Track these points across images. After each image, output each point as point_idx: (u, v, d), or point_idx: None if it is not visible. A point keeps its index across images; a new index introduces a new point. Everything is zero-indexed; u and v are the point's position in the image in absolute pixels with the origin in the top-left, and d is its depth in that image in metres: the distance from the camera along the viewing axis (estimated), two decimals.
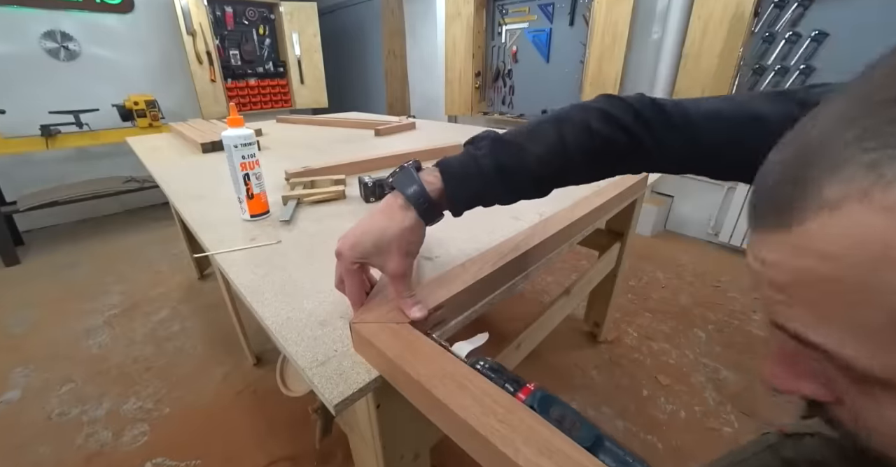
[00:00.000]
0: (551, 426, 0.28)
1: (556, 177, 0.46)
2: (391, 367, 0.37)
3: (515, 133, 0.46)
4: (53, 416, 1.30)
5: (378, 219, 0.43)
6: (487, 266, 0.52)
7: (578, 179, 0.48)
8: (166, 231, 2.74)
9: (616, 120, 0.43)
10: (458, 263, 0.54)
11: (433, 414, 0.33)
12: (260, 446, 1.18)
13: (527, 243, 0.59)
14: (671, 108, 0.43)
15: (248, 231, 0.71)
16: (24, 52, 2.53)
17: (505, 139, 0.45)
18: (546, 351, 1.50)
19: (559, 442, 0.26)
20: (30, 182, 2.61)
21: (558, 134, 0.44)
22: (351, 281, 0.44)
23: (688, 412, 1.27)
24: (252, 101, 3.44)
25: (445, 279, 0.50)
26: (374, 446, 0.50)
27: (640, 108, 0.43)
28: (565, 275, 2.09)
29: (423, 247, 0.46)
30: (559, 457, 0.25)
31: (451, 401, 0.30)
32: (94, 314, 1.83)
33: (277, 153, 1.35)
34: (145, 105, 2.61)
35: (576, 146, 0.43)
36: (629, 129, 0.43)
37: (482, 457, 0.28)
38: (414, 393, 0.35)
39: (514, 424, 0.28)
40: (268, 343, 1.54)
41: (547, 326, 1.04)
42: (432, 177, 0.44)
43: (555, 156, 0.44)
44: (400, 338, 0.39)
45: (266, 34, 3.34)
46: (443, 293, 0.46)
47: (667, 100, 0.44)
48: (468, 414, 0.29)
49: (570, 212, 0.72)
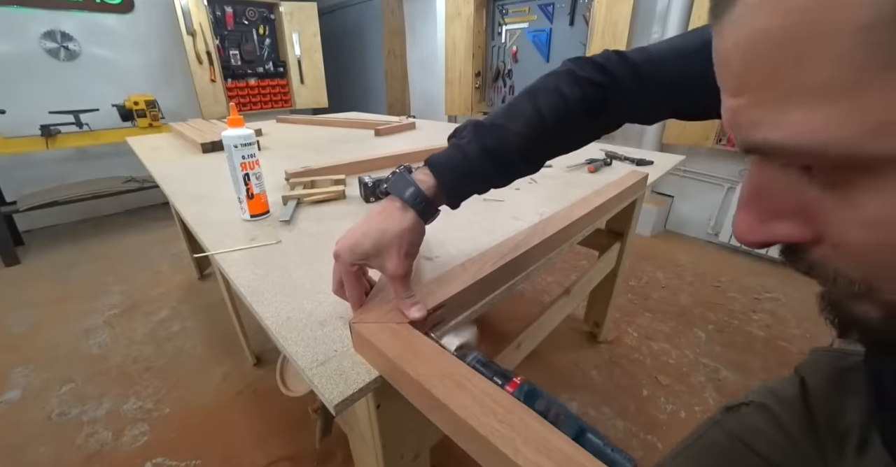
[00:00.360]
0: (550, 425, 0.28)
1: (541, 148, 0.47)
2: (391, 367, 0.37)
3: (494, 115, 0.47)
4: (53, 416, 1.30)
5: (377, 220, 0.43)
6: (487, 266, 0.52)
7: (565, 145, 0.49)
8: (166, 231, 2.74)
9: (585, 79, 0.44)
10: (458, 263, 0.54)
11: (433, 414, 0.33)
12: (260, 446, 1.18)
13: (526, 243, 0.58)
14: (634, 55, 0.45)
15: (248, 231, 0.71)
16: (24, 52, 2.53)
17: (485, 123, 0.46)
18: (546, 352, 1.50)
19: (557, 441, 0.26)
20: (30, 182, 2.61)
21: (533, 105, 0.45)
22: (350, 283, 0.44)
23: (688, 412, 1.27)
24: (252, 101, 3.43)
25: (445, 279, 0.50)
26: (374, 446, 0.50)
27: (604, 61, 0.45)
28: (565, 275, 2.09)
29: (423, 247, 0.46)
30: (557, 456, 0.25)
31: (451, 401, 0.30)
32: (94, 314, 1.83)
33: (277, 153, 1.35)
34: (145, 105, 2.61)
35: (551, 113, 0.44)
36: (598, 84, 0.44)
37: (482, 457, 0.29)
38: (414, 393, 0.35)
39: (514, 424, 0.28)
40: (268, 343, 1.54)
41: (547, 326, 1.04)
42: (423, 175, 0.44)
43: (534, 128, 0.45)
44: (400, 337, 0.39)
45: (266, 34, 3.34)
46: (442, 293, 0.46)
47: (631, 50, 0.46)
48: (468, 414, 0.29)
49: (569, 211, 0.72)
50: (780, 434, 0.49)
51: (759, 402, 0.53)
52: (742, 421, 0.52)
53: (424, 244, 0.45)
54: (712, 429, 0.53)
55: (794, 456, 0.47)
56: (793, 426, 0.49)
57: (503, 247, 0.58)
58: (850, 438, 0.43)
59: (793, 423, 0.49)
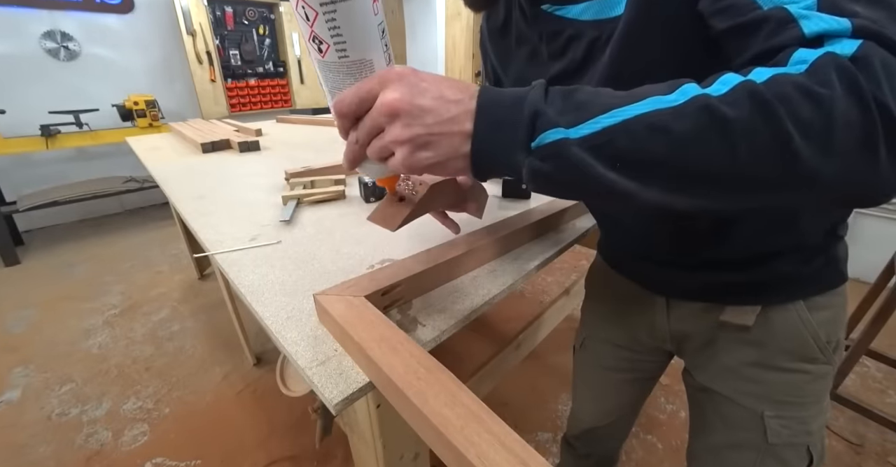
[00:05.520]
0: (463, 386, 0.32)
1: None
2: (341, 332, 0.40)
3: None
4: (53, 416, 1.30)
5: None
6: (452, 251, 0.53)
7: None
8: (166, 231, 2.74)
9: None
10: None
11: (370, 373, 0.37)
12: (260, 446, 1.18)
13: (497, 232, 0.59)
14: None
15: (248, 231, 0.71)
16: (24, 52, 2.53)
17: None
18: (546, 352, 1.50)
19: (466, 399, 0.30)
20: (30, 182, 2.61)
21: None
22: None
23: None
24: (252, 101, 3.44)
25: (410, 261, 0.51)
26: (374, 446, 0.50)
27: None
28: (565, 275, 2.09)
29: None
30: (461, 410, 0.29)
31: (381, 361, 0.34)
32: (94, 314, 1.83)
33: (277, 153, 1.34)
34: (145, 105, 2.61)
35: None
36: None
37: (401, 409, 0.33)
38: (355, 353, 0.39)
39: (431, 382, 0.32)
40: (268, 343, 1.54)
41: (547, 326, 1.04)
42: None
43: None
44: (352, 308, 0.42)
45: (266, 34, 3.34)
46: (402, 272, 0.48)
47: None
48: (392, 372, 0.33)
49: (551, 204, 0.72)
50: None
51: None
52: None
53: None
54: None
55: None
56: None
57: (476, 235, 0.58)
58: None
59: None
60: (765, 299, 0.47)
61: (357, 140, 0.32)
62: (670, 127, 0.24)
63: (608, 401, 0.73)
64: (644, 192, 0.27)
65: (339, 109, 0.31)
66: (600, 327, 0.69)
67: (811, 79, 0.23)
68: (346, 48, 0.30)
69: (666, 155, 0.25)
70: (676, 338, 0.56)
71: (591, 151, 0.26)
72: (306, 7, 0.28)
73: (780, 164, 0.24)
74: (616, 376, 0.69)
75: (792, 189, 0.25)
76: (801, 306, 0.46)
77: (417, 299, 0.50)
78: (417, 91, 0.29)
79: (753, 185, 0.25)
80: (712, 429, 0.56)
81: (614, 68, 0.38)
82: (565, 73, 0.44)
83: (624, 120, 0.25)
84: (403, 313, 0.48)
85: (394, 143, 0.30)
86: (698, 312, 0.52)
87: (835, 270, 0.47)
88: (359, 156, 0.34)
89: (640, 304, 0.58)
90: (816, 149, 0.23)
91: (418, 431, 0.31)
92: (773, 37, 0.26)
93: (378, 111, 0.29)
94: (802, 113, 0.22)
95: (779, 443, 0.49)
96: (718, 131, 0.24)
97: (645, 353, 0.64)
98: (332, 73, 0.32)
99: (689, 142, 0.24)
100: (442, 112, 0.29)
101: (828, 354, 0.48)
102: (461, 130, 0.29)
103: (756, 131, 0.23)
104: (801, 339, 0.47)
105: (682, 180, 0.26)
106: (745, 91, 0.24)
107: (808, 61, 0.24)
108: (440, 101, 0.29)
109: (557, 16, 0.42)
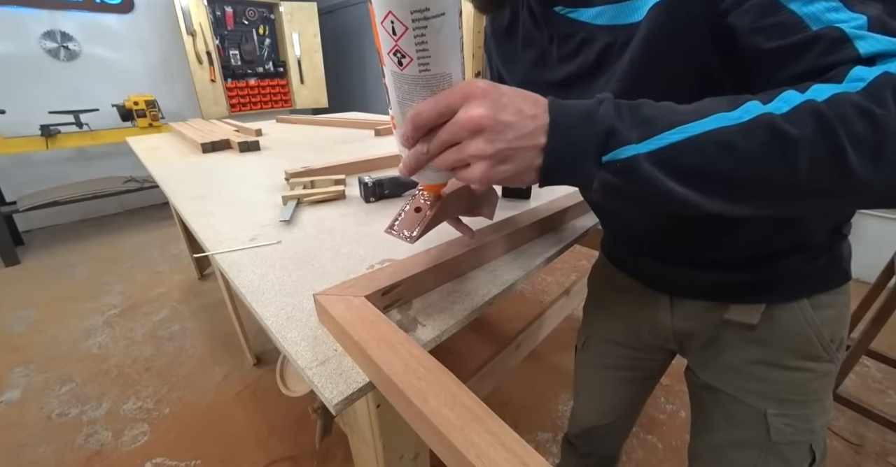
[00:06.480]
0: (463, 386, 0.32)
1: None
2: (341, 332, 0.40)
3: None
4: (53, 416, 1.30)
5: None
6: (451, 252, 0.53)
7: None
8: (166, 231, 2.74)
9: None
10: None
11: (370, 373, 0.37)
12: (260, 446, 1.18)
13: (495, 233, 0.59)
14: None
15: (248, 231, 0.71)
16: (24, 52, 2.53)
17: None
18: (546, 351, 1.50)
19: (465, 398, 0.30)
20: (30, 182, 2.61)
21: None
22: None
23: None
24: (252, 101, 3.43)
25: (409, 261, 0.51)
26: (374, 446, 0.50)
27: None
28: (565, 275, 2.09)
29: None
30: (461, 410, 0.29)
31: (381, 361, 0.34)
32: (94, 314, 1.83)
33: (277, 153, 1.34)
34: (145, 105, 2.61)
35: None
36: None
37: (402, 410, 0.33)
38: (355, 353, 0.39)
39: (430, 382, 0.32)
40: (268, 343, 1.54)
41: (547, 326, 1.04)
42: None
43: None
44: (353, 308, 0.42)
45: (266, 34, 3.34)
46: (402, 273, 0.48)
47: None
48: (392, 372, 0.33)
49: (552, 203, 0.72)
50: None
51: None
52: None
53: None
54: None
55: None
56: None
57: (476, 235, 0.58)
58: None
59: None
60: (769, 297, 0.47)
61: (427, 151, 0.32)
62: (736, 144, 0.26)
63: (609, 400, 0.74)
64: (707, 203, 0.28)
65: (416, 122, 0.31)
66: (603, 326, 0.69)
67: (868, 98, 0.24)
68: (430, 62, 0.30)
69: (731, 170, 0.27)
70: (680, 336, 0.57)
71: (660, 166, 0.27)
72: (395, 22, 0.28)
73: (837, 178, 0.26)
74: (617, 375, 0.70)
75: (843, 197, 0.28)
76: (805, 304, 0.46)
77: (417, 299, 0.50)
78: (500, 106, 0.29)
79: (809, 195, 0.28)
80: (715, 427, 0.56)
81: (634, 73, 0.38)
82: (576, 75, 0.44)
83: (690, 136, 0.27)
84: (403, 313, 0.48)
85: (474, 158, 0.30)
86: (702, 311, 0.52)
87: (839, 269, 0.47)
88: (422, 165, 0.34)
89: (644, 303, 0.58)
90: (869, 164, 0.25)
91: (418, 431, 0.31)
92: (827, 55, 0.27)
93: (459, 126, 0.30)
94: (859, 131, 0.24)
95: (782, 442, 0.49)
96: (782, 149, 0.25)
97: (647, 352, 0.64)
98: (407, 86, 0.32)
99: (753, 158, 0.26)
100: (521, 127, 0.29)
101: (831, 352, 0.48)
102: (536, 145, 0.30)
103: (817, 149, 0.25)
104: (806, 338, 0.47)
105: (744, 192, 0.28)
106: (808, 110, 0.25)
107: (866, 80, 0.25)
108: (520, 116, 0.29)
109: (570, 18, 0.42)
